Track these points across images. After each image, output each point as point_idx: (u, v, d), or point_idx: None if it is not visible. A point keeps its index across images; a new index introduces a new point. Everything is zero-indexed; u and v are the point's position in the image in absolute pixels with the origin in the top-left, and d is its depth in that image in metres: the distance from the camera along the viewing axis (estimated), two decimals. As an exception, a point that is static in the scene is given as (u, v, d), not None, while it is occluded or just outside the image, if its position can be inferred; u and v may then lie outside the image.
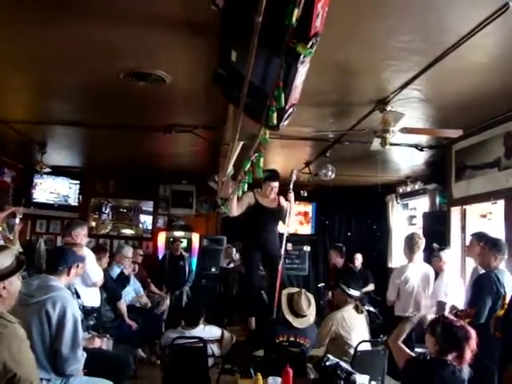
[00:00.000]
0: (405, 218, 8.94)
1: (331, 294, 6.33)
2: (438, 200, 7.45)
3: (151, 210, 9.93)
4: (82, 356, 3.20)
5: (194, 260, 8.95)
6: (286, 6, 1.88)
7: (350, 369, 3.57)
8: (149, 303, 6.57)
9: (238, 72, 2.54)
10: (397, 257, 8.95)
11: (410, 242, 5.05)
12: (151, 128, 5.80)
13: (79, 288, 4.28)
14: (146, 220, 9.98)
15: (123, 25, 3.18)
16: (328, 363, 3.57)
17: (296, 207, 9.02)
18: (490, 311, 4.02)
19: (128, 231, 10.00)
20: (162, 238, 9.24)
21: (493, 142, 5.03)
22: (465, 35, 3.14)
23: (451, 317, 3.03)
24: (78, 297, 4.13)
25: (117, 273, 6.06)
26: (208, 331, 4.42)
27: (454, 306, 4.55)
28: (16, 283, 2.47)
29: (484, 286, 4.11)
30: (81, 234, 4.61)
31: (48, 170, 7.22)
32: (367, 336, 4.57)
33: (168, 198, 9.73)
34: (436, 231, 6.22)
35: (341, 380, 3.39)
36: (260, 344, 4.35)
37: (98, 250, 5.33)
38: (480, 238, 4.49)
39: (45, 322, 3.09)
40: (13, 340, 2.22)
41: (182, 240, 8.82)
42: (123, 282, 6.11)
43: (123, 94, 4.58)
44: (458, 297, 5.06)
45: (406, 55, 3.51)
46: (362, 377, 3.46)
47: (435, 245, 5.37)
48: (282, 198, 5.05)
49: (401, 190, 8.86)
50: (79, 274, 3.85)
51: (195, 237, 9.25)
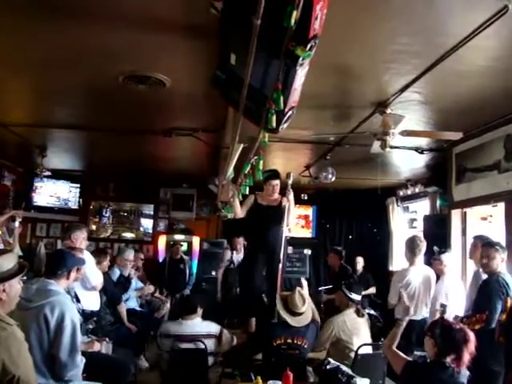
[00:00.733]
0: (405, 221, 8.94)
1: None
2: (438, 203, 7.44)
3: (152, 213, 9.93)
4: (80, 361, 3.17)
5: (195, 263, 8.93)
6: (284, 8, 1.88)
7: (350, 372, 3.56)
8: (152, 289, 6.56)
9: (237, 75, 2.53)
10: (397, 260, 8.94)
11: (412, 245, 5.02)
12: (151, 131, 5.80)
13: (79, 292, 4.27)
14: (147, 223, 9.98)
15: (123, 28, 3.18)
16: (329, 367, 3.56)
17: (296, 210, 9.03)
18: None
19: (128, 235, 10.00)
20: (162, 241, 9.23)
21: (493, 144, 5.02)
22: (464, 38, 3.14)
23: (450, 320, 3.01)
24: (78, 301, 4.12)
25: (117, 275, 6.05)
26: (206, 326, 4.39)
27: (456, 316, 4.51)
28: (16, 287, 2.46)
29: (493, 290, 4.07)
30: (80, 238, 4.59)
31: (48, 173, 7.23)
32: (368, 339, 4.55)
33: (168, 202, 9.74)
34: (436, 234, 6.20)
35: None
36: (259, 347, 4.33)
37: (98, 254, 5.32)
38: (483, 241, 4.49)
39: (43, 327, 3.06)
40: (12, 342, 2.22)
41: (182, 243, 8.80)
42: (124, 284, 6.09)
43: (123, 97, 4.58)
44: (459, 300, 5.05)
45: (406, 58, 3.51)
46: (363, 380, 3.45)
47: (436, 248, 5.36)
48: (284, 198, 5.04)
49: (401, 193, 8.86)
50: (79, 278, 3.84)
51: (196, 240, 9.24)
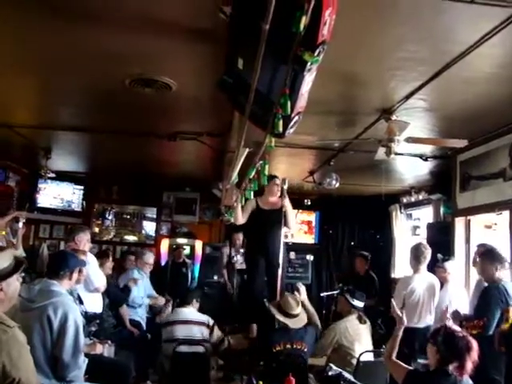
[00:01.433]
0: (408, 228, 8.90)
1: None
2: (442, 210, 7.42)
3: (154, 216, 9.93)
4: (83, 362, 3.18)
5: (197, 267, 8.92)
6: (293, 13, 1.88)
7: (352, 379, 3.55)
8: (163, 301, 6.52)
9: (245, 79, 2.54)
10: (400, 267, 8.91)
11: (417, 253, 5.01)
12: (156, 135, 5.80)
13: (82, 293, 4.27)
14: (149, 227, 9.98)
15: (130, 31, 3.19)
16: (331, 373, 3.55)
17: (299, 216, 9.03)
18: (498, 323, 4.00)
19: (131, 238, 9.98)
20: (165, 244, 9.22)
21: (498, 152, 5.01)
22: (472, 45, 3.15)
23: (454, 327, 2.99)
24: (81, 302, 4.12)
25: (135, 275, 6.07)
26: (199, 315, 4.79)
27: (457, 311, 4.49)
28: (14, 284, 2.44)
29: (493, 297, 4.07)
30: (84, 240, 4.60)
31: (52, 175, 7.23)
32: (370, 346, 4.54)
33: (171, 205, 9.73)
34: (440, 242, 6.17)
35: (344, 390, 3.37)
36: (260, 355, 4.32)
37: (100, 256, 5.32)
38: (484, 249, 4.47)
39: (46, 328, 3.07)
40: (12, 345, 2.21)
41: (184, 247, 8.80)
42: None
43: (129, 100, 4.59)
44: (463, 308, 5.03)
45: (413, 65, 3.51)
46: (365, 387, 3.44)
47: (440, 255, 5.35)
48: (287, 199, 5.06)
49: (405, 200, 8.83)
50: (81, 280, 3.85)
51: (198, 244, 9.23)
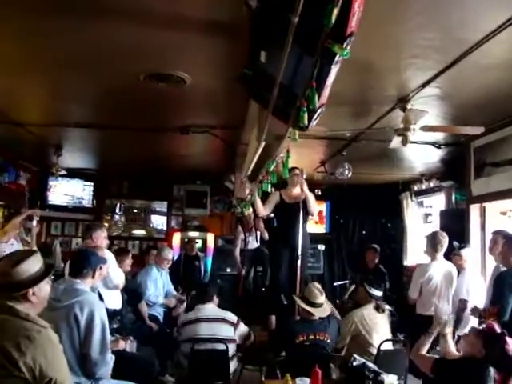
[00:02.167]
0: (420, 216, 8.89)
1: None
2: (453, 197, 7.40)
3: (165, 210, 9.95)
4: (110, 359, 3.21)
5: (209, 260, 8.94)
6: (322, 5, 1.87)
7: (376, 368, 3.56)
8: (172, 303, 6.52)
9: (267, 72, 2.52)
10: (412, 255, 8.92)
11: (434, 241, 5.01)
12: (168, 129, 5.80)
13: (101, 291, 4.29)
14: (160, 221, 10.00)
15: (146, 26, 3.16)
16: (355, 363, 3.56)
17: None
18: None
19: (139, 232, 10.03)
20: (176, 238, 9.23)
21: (514, 138, 4.99)
22: (490, 32, 3.10)
23: (509, 342, 2.87)
24: (102, 299, 4.13)
25: (154, 274, 6.08)
26: (222, 312, 4.51)
27: (476, 308, 4.52)
28: (45, 288, 2.46)
29: (505, 283, 4.10)
30: (101, 237, 4.62)
31: (63, 172, 7.24)
32: (389, 335, 4.56)
33: (182, 199, 9.74)
34: (454, 229, 6.15)
35: (369, 380, 3.38)
36: (281, 346, 4.34)
37: (119, 253, 5.34)
38: (504, 235, 4.48)
39: (73, 327, 3.10)
40: (47, 345, 2.22)
41: (197, 240, 8.81)
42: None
43: (142, 95, 4.58)
44: (480, 295, 5.04)
45: (430, 53, 3.47)
46: (390, 376, 3.44)
47: (456, 243, 5.34)
48: (306, 186, 5.10)
49: (415, 188, 8.81)
50: (103, 276, 3.87)
51: (210, 237, 9.24)
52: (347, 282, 8.37)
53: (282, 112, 2.76)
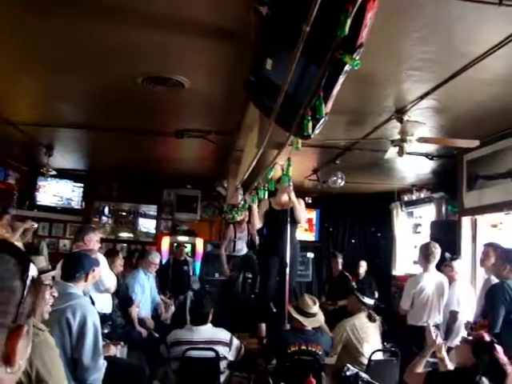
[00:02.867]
0: (409, 226, 8.94)
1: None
2: (444, 209, 7.45)
3: (154, 214, 9.89)
4: (103, 365, 3.16)
5: (198, 265, 8.89)
6: (334, 15, 1.87)
7: (369, 379, 3.56)
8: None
9: (272, 80, 2.52)
10: (401, 265, 8.96)
11: (426, 252, 5.03)
12: (162, 132, 5.76)
13: (92, 294, 4.24)
14: (149, 224, 9.94)
15: (147, 28, 3.13)
16: (348, 373, 3.56)
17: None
18: (504, 320, 4.05)
19: (126, 235, 9.95)
20: (165, 242, 9.18)
21: (507, 152, 5.03)
22: (491, 47, 3.13)
23: (499, 349, 2.89)
24: (93, 303, 4.08)
25: (141, 279, 6.01)
26: (217, 332, 4.27)
27: (468, 322, 4.57)
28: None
29: (497, 296, 4.15)
30: (93, 240, 4.56)
31: (54, 172, 7.16)
32: (379, 345, 4.56)
33: (172, 203, 9.69)
34: (444, 240, 6.18)
35: (362, 391, 3.38)
36: (273, 355, 4.32)
37: (110, 254, 5.28)
38: (495, 248, 4.52)
39: (65, 331, 3.06)
40: (44, 349, 2.18)
41: (185, 245, 8.76)
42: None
43: (138, 98, 4.55)
44: (470, 306, 5.07)
45: (430, 66, 3.50)
46: (383, 387, 3.45)
47: (448, 254, 5.37)
48: (293, 193, 5.09)
49: (406, 198, 8.86)
50: (96, 279, 3.82)
51: (199, 242, 9.20)
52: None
53: (284, 120, 2.75)
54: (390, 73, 3.72)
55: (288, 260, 5.02)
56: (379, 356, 4.45)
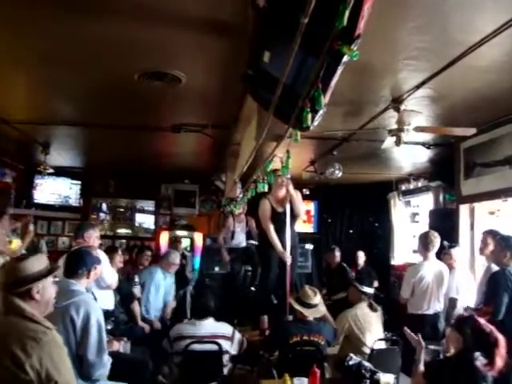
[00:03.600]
0: (407, 216, 8.97)
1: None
2: (441, 197, 7.48)
3: (152, 209, 9.89)
4: (107, 361, 3.17)
5: (197, 259, 8.90)
6: (332, 6, 1.87)
7: (372, 367, 3.59)
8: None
9: (269, 73, 2.52)
10: (399, 254, 9.00)
11: (425, 241, 5.06)
12: (159, 127, 5.76)
13: (94, 291, 4.24)
14: (147, 220, 9.94)
15: (144, 23, 3.13)
16: (351, 362, 3.58)
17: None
18: (507, 307, 4.08)
19: (124, 231, 9.96)
20: (164, 237, 9.18)
21: (504, 139, 5.04)
22: (487, 35, 3.14)
23: (481, 320, 3.01)
24: (95, 300, 4.09)
25: (158, 278, 5.99)
26: (219, 326, 4.28)
27: (468, 307, 4.60)
28: (50, 289, 2.45)
29: (499, 283, 4.17)
30: (93, 236, 4.56)
31: (51, 170, 7.15)
32: (381, 334, 4.59)
33: (170, 198, 9.69)
34: (442, 228, 6.20)
35: (365, 379, 3.40)
36: (275, 346, 4.34)
37: (108, 251, 5.27)
38: (494, 235, 4.54)
39: (69, 328, 3.07)
40: (53, 347, 2.20)
41: (181, 240, 8.74)
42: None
43: (135, 94, 4.54)
44: (469, 294, 5.11)
45: (426, 55, 3.51)
46: (386, 375, 3.47)
47: (446, 242, 5.40)
48: (291, 186, 5.10)
49: (403, 188, 8.89)
50: (98, 276, 3.83)
51: (198, 236, 9.21)
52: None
53: (282, 112, 2.75)
54: (387, 63, 3.72)
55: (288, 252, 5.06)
56: (381, 345, 4.47)
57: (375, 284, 7.75)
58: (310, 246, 9.38)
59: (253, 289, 7.13)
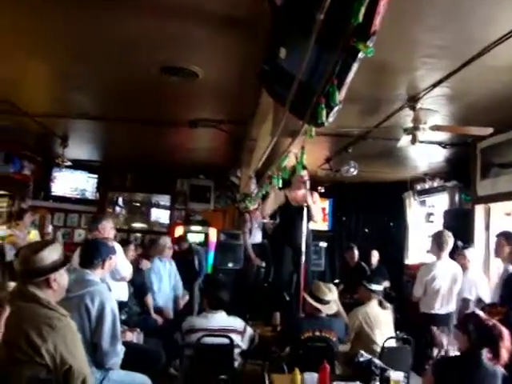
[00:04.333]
0: (422, 215, 8.91)
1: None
2: (457, 197, 7.42)
3: (168, 204, 9.96)
4: (121, 350, 3.23)
5: (211, 255, 8.94)
6: (347, 2, 1.88)
7: (383, 365, 3.59)
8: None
9: (285, 69, 2.54)
10: (413, 254, 8.96)
11: (439, 240, 5.04)
12: (176, 122, 5.80)
13: (108, 282, 4.30)
14: (162, 214, 10.01)
15: (163, 18, 3.17)
16: (361, 359, 3.59)
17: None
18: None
19: (141, 225, 10.05)
20: (179, 232, 9.24)
21: (521, 140, 5.01)
22: (505, 34, 3.12)
23: (482, 315, 3.03)
24: (109, 291, 4.15)
25: (156, 266, 6.05)
26: (232, 320, 4.29)
27: (479, 299, 4.56)
28: (65, 276, 2.52)
29: None
30: (108, 227, 4.62)
31: (69, 163, 7.25)
32: (392, 332, 4.58)
33: (186, 193, 9.76)
34: (457, 229, 6.17)
35: (375, 376, 3.41)
36: (287, 341, 4.36)
37: (122, 244, 5.32)
38: (507, 237, 4.51)
39: (84, 317, 3.12)
40: (67, 333, 2.26)
41: (186, 234, 8.71)
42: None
43: (153, 88, 4.60)
44: (483, 295, 5.08)
45: (444, 53, 3.49)
46: (396, 373, 3.46)
47: (460, 243, 5.37)
48: (310, 197, 5.12)
49: (419, 187, 8.83)
50: (112, 267, 3.89)
51: (212, 231, 9.26)
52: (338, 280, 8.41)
53: (298, 108, 2.77)
54: (404, 60, 3.71)
55: (304, 249, 5.08)
56: (392, 343, 4.47)
57: (386, 283, 7.80)
58: (323, 244, 9.37)
59: (266, 285, 7.15)
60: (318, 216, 5.33)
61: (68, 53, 3.90)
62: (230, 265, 8.55)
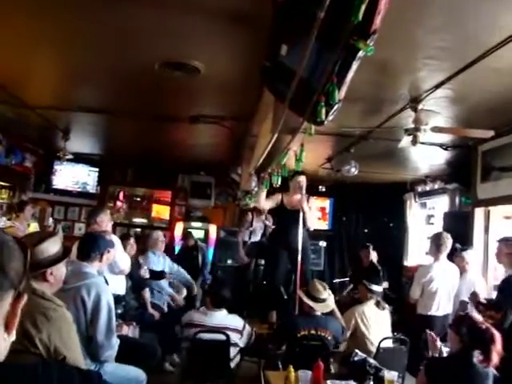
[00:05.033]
0: (422, 217, 8.91)
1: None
2: (457, 200, 7.41)
3: (168, 199, 9.96)
4: (116, 343, 3.24)
5: (211, 251, 8.95)
6: (347, 1, 1.88)
7: (377, 364, 3.60)
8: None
9: (286, 66, 2.54)
10: (412, 255, 8.96)
11: (438, 242, 5.04)
12: (177, 118, 5.80)
13: (106, 275, 4.31)
14: (162, 210, 10.02)
15: (166, 13, 3.15)
16: (356, 358, 3.60)
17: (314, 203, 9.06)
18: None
19: (142, 220, 10.06)
20: (179, 228, 9.25)
21: (523, 143, 5.00)
22: (509, 36, 3.11)
23: (476, 317, 3.05)
24: (107, 284, 4.16)
25: (151, 260, 6.06)
26: (231, 319, 4.34)
27: (475, 293, 4.53)
28: (62, 269, 2.53)
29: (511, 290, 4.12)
30: (105, 220, 4.65)
31: (70, 156, 7.25)
32: (388, 333, 4.59)
33: (186, 189, 9.76)
34: (457, 231, 6.17)
35: (370, 376, 3.42)
36: (283, 340, 4.37)
37: (121, 238, 5.35)
38: (507, 242, 4.50)
39: (80, 309, 3.14)
40: (63, 324, 2.26)
41: (190, 230, 8.75)
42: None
43: (155, 83, 4.57)
44: (481, 297, 5.06)
45: (446, 55, 3.48)
46: (391, 373, 3.47)
47: (458, 245, 5.37)
48: (306, 203, 5.14)
49: (419, 189, 8.82)
50: (110, 260, 3.90)
51: (212, 228, 9.27)
52: (347, 279, 8.41)
53: (298, 106, 2.78)
54: (406, 61, 3.70)
55: (300, 248, 5.10)
56: (388, 344, 4.48)
57: (385, 284, 7.79)
58: (323, 244, 9.38)
59: (264, 282, 7.16)
60: (311, 223, 5.36)
61: (70, 46, 3.88)
62: (229, 262, 8.59)
